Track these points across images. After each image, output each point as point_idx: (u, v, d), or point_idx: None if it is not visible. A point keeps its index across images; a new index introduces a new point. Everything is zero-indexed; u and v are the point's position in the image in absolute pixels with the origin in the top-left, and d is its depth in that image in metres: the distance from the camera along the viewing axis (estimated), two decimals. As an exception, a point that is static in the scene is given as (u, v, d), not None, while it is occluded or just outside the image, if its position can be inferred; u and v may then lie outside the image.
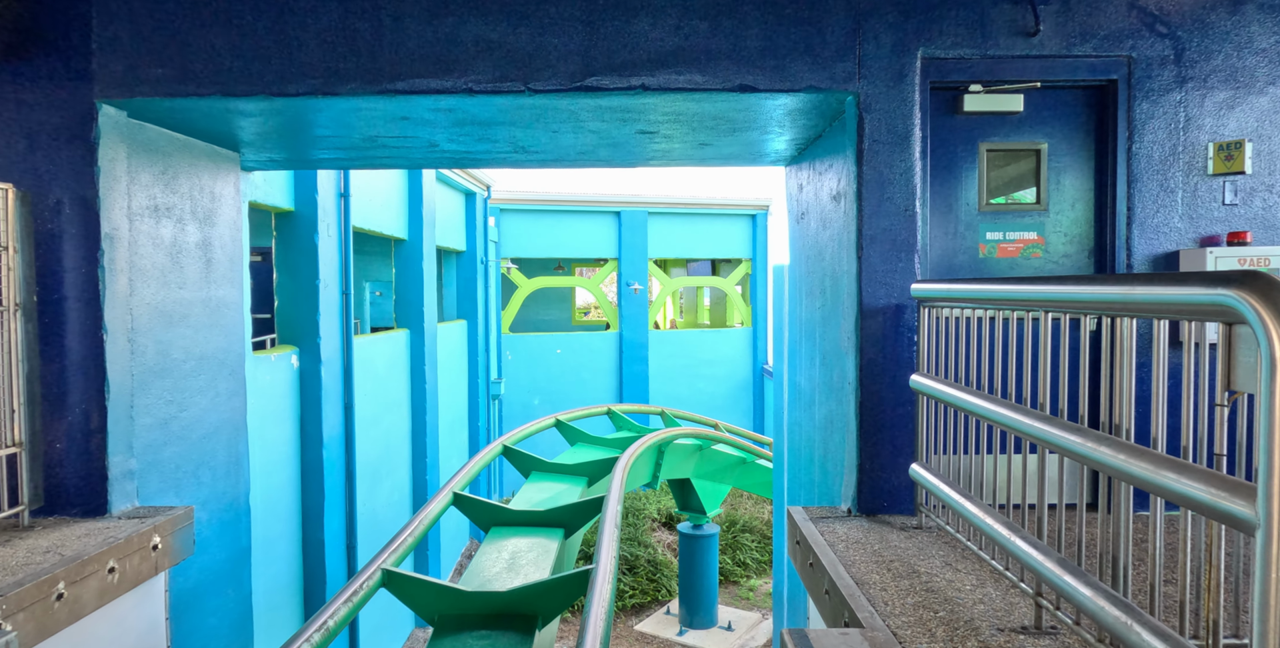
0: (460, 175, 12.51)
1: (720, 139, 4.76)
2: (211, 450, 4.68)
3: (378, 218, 8.93)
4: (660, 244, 18.58)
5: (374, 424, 8.79)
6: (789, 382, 5.84)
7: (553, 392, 17.83)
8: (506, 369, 17.42)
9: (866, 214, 3.61)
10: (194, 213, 4.51)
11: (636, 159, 5.39)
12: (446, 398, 12.31)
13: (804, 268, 5.23)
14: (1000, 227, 3.74)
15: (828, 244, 4.48)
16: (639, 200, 18.07)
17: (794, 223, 5.58)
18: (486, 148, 4.99)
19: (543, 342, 17.84)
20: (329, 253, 7.01)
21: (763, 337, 19.35)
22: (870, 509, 3.64)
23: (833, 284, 4.36)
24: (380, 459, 9.04)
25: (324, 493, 6.88)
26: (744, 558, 14.23)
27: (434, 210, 10.83)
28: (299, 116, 4.12)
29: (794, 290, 5.62)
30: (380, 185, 9.09)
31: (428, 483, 10.39)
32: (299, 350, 6.78)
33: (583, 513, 5.23)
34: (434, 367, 10.78)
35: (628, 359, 18.19)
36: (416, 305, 10.29)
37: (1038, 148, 3.70)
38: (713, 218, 19.02)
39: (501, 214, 17.26)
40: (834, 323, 4.37)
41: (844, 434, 4.12)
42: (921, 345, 3.39)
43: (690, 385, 18.92)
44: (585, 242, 18.02)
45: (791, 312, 5.71)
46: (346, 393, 7.37)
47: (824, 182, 4.55)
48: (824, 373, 4.59)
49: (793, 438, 5.68)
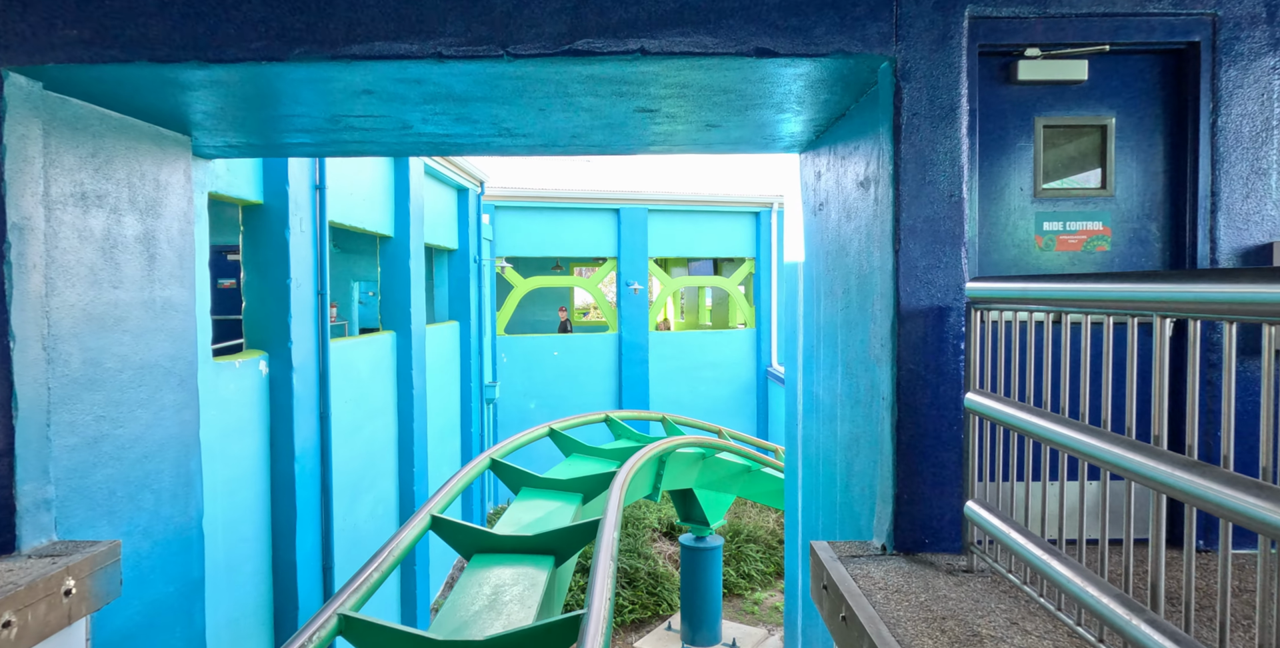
0: (451, 169, 12.01)
1: (730, 119, 4.25)
2: (155, 471, 4.17)
3: (359, 213, 8.43)
4: (661, 242, 18.08)
5: (355, 433, 8.28)
6: (804, 391, 5.33)
7: (549, 395, 17.33)
8: (502, 372, 16.92)
9: (905, 201, 3.10)
10: (133, 202, 4.00)
11: (636, 144, 4.88)
12: (437, 403, 11.80)
13: (822, 265, 4.72)
14: (1059, 215, 3.23)
15: (852, 238, 3.97)
16: (639, 197, 17.57)
17: (810, 215, 5.07)
18: (467, 130, 4.48)
19: (539, 344, 17.34)
20: (302, 249, 6.50)
21: (767, 338, 18.85)
22: (909, 546, 3.12)
23: (859, 283, 3.85)
24: (362, 471, 8.53)
25: (296, 510, 6.37)
26: (748, 570, 13.72)
27: (422, 206, 10.32)
28: (248, 91, 3.61)
29: (810, 290, 5.11)
30: (363, 178, 8.59)
31: (415, 495, 9.88)
32: (268, 356, 6.27)
33: (575, 539, 4.72)
34: (422, 371, 10.28)
35: (627, 361, 17.68)
36: (403, 306, 9.78)
37: (1103, 123, 3.18)
38: (715, 215, 18.51)
39: (496, 211, 16.76)
40: (860, 328, 3.86)
41: (874, 456, 3.61)
42: (972, 355, 2.88)
43: (692, 389, 18.42)
44: (583, 240, 17.51)
45: (807, 314, 5.20)
46: (322, 401, 6.87)
47: (848, 167, 4.04)
48: (848, 384, 4.07)
49: (809, 454, 5.17)
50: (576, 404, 17.42)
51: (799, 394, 5.51)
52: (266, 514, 6.26)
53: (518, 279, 17.12)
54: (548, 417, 17.66)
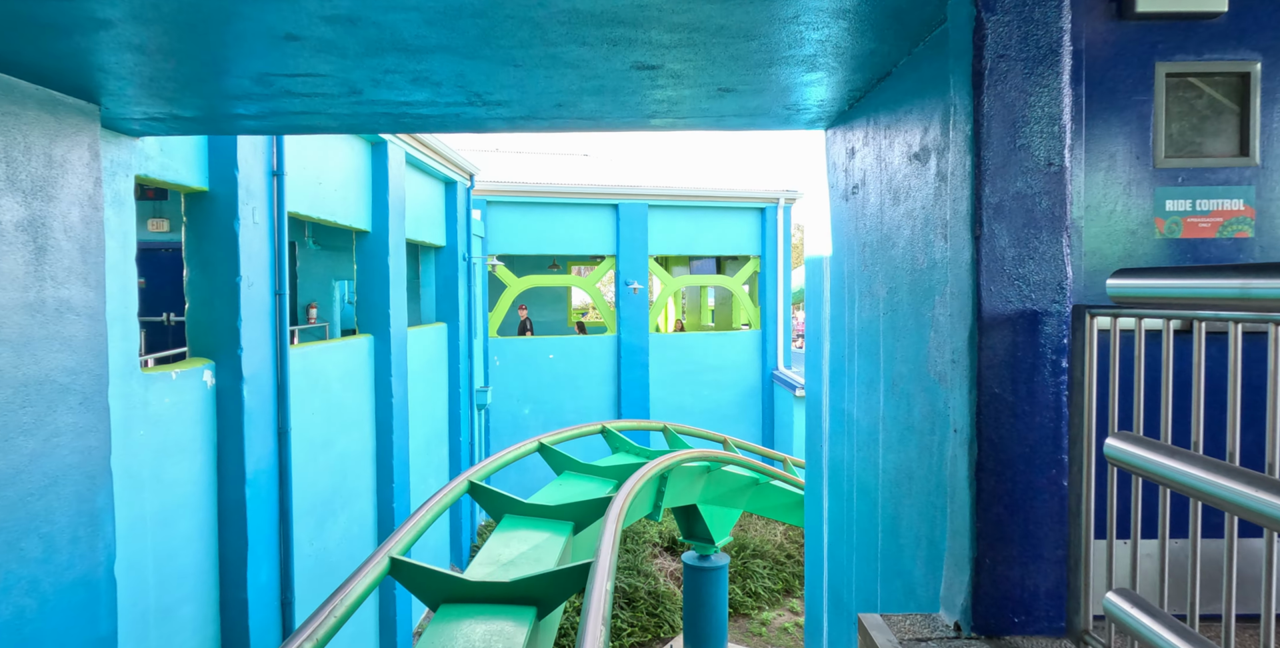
0: (436, 160, 11.27)
1: (747, 80, 3.51)
2: (45, 511, 3.44)
3: (330, 204, 7.69)
4: (661, 240, 17.34)
5: (325, 449, 7.54)
6: (831, 408, 4.59)
7: (545, 400, 16.60)
8: (494, 376, 16.18)
9: (989, 172, 2.36)
10: (12, 182, 3.26)
11: (635, 115, 4.14)
12: (423, 411, 11.06)
13: (856, 260, 3.98)
14: (1187, 192, 2.49)
15: (901, 225, 3.23)
16: (638, 192, 16.82)
17: (839, 201, 4.33)
18: (429, 96, 3.74)
19: (534, 346, 16.59)
20: (255, 243, 5.76)
21: (772, 340, 18.12)
22: (994, 627, 2.38)
23: (912, 281, 3.12)
24: (334, 489, 7.79)
25: (247, 540, 5.64)
26: (755, 587, 12.98)
27: (403, 198, 9.58)
28: (145, 39, 2.88)
29: (839, 290, 4.37)
30: (333, 166, 7.85)
31: (395, 513, 9.14)
32: (214, 365, 5.53)
33: (560, 586, 3.98)
34: (403, 377, 9.54)
35: (626, 365, 16.95)
36: (382, 307, 9.04)
37: (1246, 70, 2.45)
38: (718, 211, 17.77)
39: (488, 207, 16.01)
40: (912, 336, 3.13)
41: (934, 500, 2.87)
42: (1086, 377, 2.15)
43: (694, 393, 17.69)
44: (580, 237, 16.77)
45: (835, 318, 4.46)
46: (280, 415, 6.13)
47: (896, 137, 3.30)
48: (895, 406, 3.34)
49: (838, 483, 4.42)
50: (573, 409, 16.70)
51: (824, 410, 4.77)
52: (212, 546, 5.53)
53: (511, 278, 16.38)
54: (542, 423, 16.93)
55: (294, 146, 6.69)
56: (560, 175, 17.95)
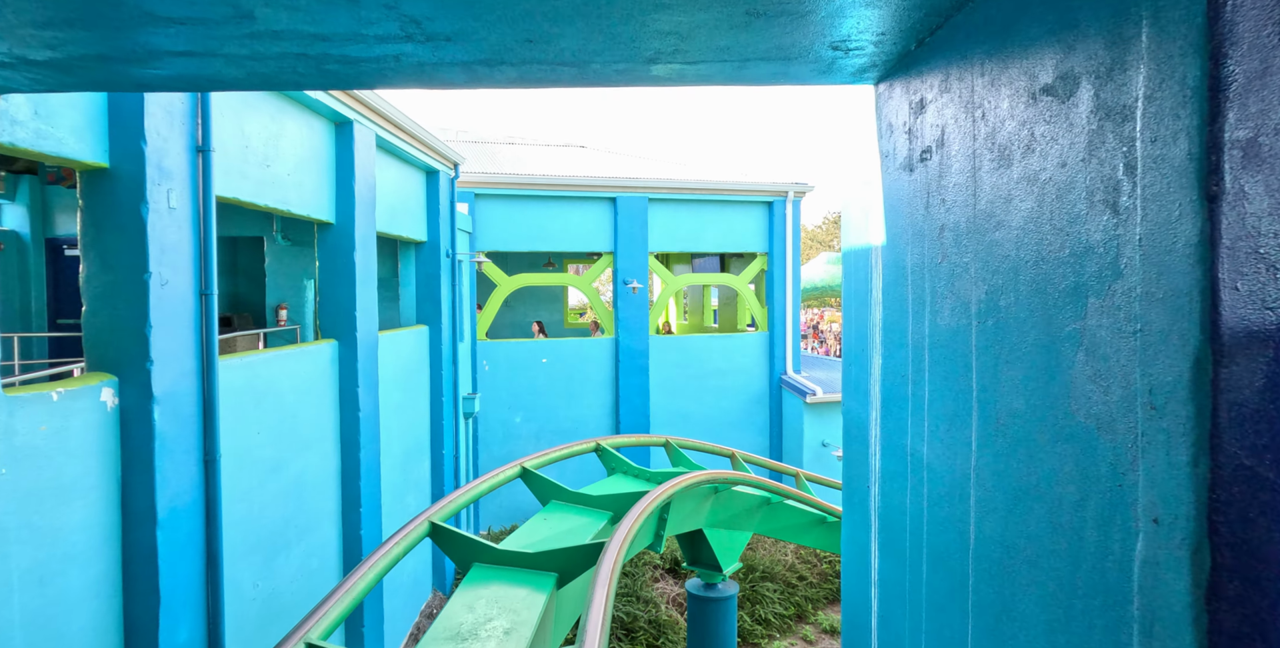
0: (415, 146, 10.29)
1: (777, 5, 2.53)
2: None
3: (280, 190, 6.71)
4: (662, 236, 16.36)
5: (275, 473, 6.57)
6: (883, 441, 3.61)
7: (538, 408, 15.63)
8: (483, 382, 15.21)
9: (1237, 84, 1.38)
10: None
11: (631, 56, 3.16)
12: (398, 422, 10.09)
13: (928, 248, 3.00)
14: None
15: (1019, 194, 2.25)
16: (638, 184, 15.84)
17: (897, 174, 3.35)
18: (351, 26, 2.76)
19: (526, 349, 15.61)
20: (170, 234, 4.78)
21: (780, 343, 17.14)
22: None
23: (1038, 275, 2.14)
24: (287, 520, 6.81)
25: (159, 594, 4.66)
26: (765, 614, 12.00)
27: (373, 186, 8.60)
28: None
29: (896, 289, 3.40)
30: (287, 146, 6.87)
31: (364, 539, 8.16)
32: (118, 381, 4.56)
33: None
34: (373, 386, 8.56)
35: (625, 369, 15.98)
36: (347, 309, 8.06)
37: None
38: (723, 206, 16.79)
39: (476, 200, 15.04)
40: (1037, 356, 2.15)
41: (1087, 613, 1.90)
42: None
43: (697, 399, 16.72)
44: (575, 232, 15.79)
45: (890, 325, 3.48)
46: (207, 439, 5.15)
47: (1006, 70, 2.32)
48: (1002, 454, 2.36)
49: (894, 539, 3.44)
50: (568, 417, 15.73)
51: (872, 443, 3.79)
52: (115, 603, 4.56)
53: (501, 276, 15.40)
54: (535, 432, 15.96)
55: (229, 120, 5.71)
56: (554, 166, 16.97)
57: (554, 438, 15.67)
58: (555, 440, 15.67)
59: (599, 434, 15.94)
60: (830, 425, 16.43)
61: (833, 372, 18.02)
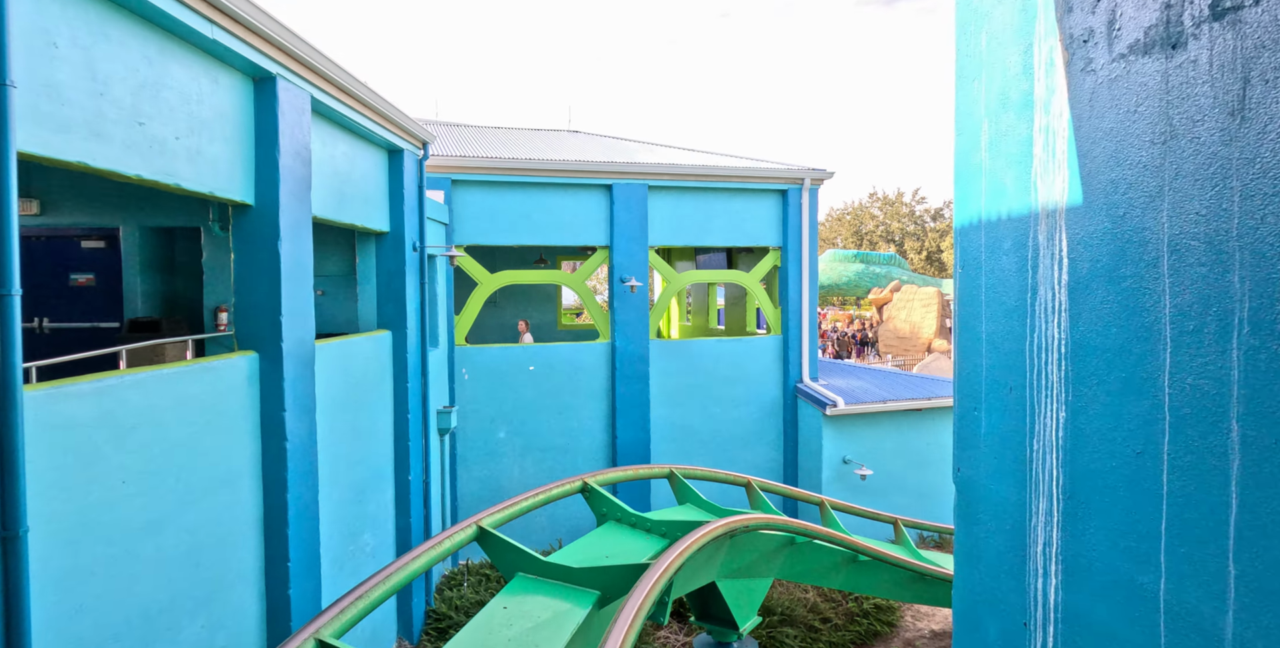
0: (368, 116, 8.69)
1: None
2: None
3: (160, 157, 5.12)
4: (664, 228, 14.77)
5: (151, 533, 5.00)
6: (1066, 481, 2.02)
7: (524, 421, 14.05)
8: (462, 393, 13.62)
9: None
10: None
11: None
12: (349, 448, 8.51)
13: (1202, 208, 1.41)
14: None
15: None
16: (636, 169, 14.24)
17: (1112, 68, 1.76)
18: None
19: (510, 356, 14.02)
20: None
21: (796, 347, 15.56)
22: None
23: None
24: (173, 593, 5.24)
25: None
26: (785, 665, 10.41)
27: (308, 161, 7.01)
28: None
29: (1086, 268, 1.83)
30: (171, 97, 5.29)
31: (292, 603, 6.58)
32: None
33: None
34: (306, 408, 6.98)
35: (622, 377, 14.39)
36: (269, 312, 6.48)
37: None
38: (732, 195, 15.19)
39: (454, 188, 13.45)
40: None
41: None
42: None
43: (703, 411, 15.14)
44: (566, 225, 14.19)
45: (1078, 324, 1.91)
46: (5, 503, 3.57)
47: None
48: None
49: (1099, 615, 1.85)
50: (558, 431, 14.14)
51: (1040, 481, 2.21)
52: None
53: (482, 274, 13.81)
54: (520, 449, 14.31)
55: (67, 52, 4.12)
56: (542, 151, 15.36)
57: (542, 455, 14.09)
58: (544, 457, 14.09)
59: (592, 451, 14.36)
60: (853, 440, 14.83)
61: (855, 379, 16.42)
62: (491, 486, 13.79)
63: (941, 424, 15.50)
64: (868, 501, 14.95)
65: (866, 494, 14.90)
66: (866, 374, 17.09)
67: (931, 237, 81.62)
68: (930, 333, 41.20)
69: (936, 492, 15.58)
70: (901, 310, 43.31)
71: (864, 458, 14.80)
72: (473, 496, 13.71)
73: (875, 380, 16.34)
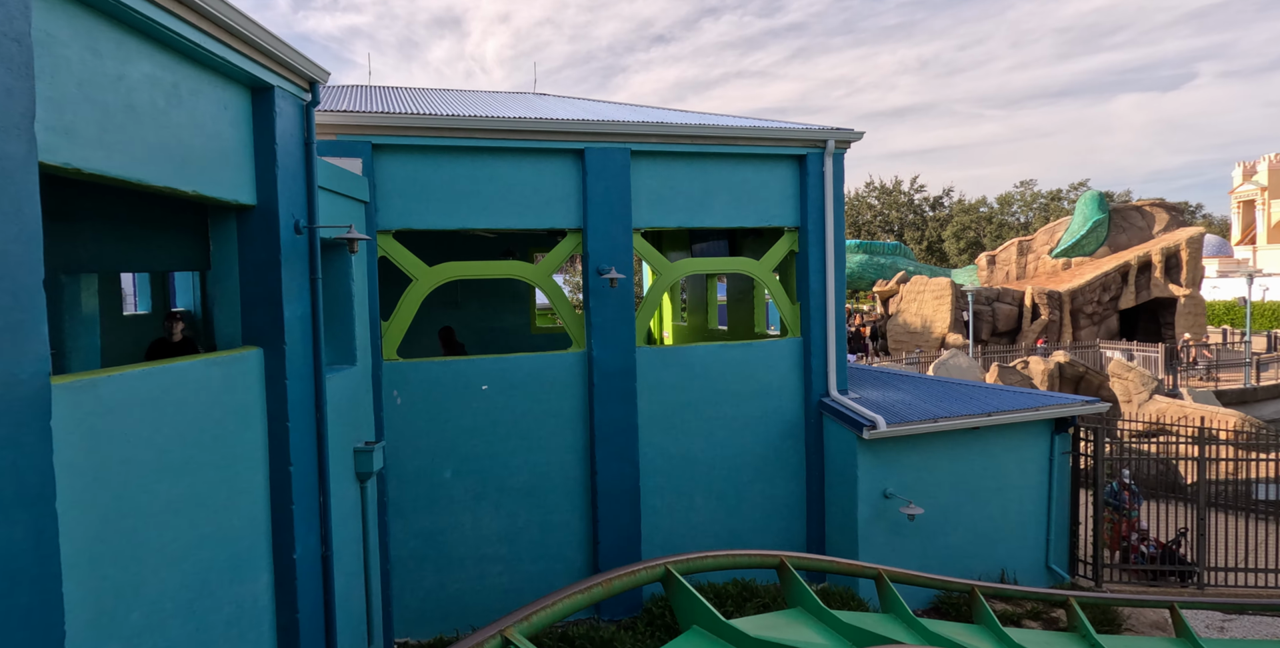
0: (194, 21, 5.69)
1: None
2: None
3: None
4: (652, 206, 11.86)
5: None
6: None
7: (476, 456, 11.12)
8: (394, 421, 10.65)
9: None
10: None
11: None
12: (171, 534, 5.60)
13: None
14: None
15: None
16: (616, 130, 11.29)
17: None
18: None
19: (456, 372, 11.06)
20: None
21: (820, 352, 12.68)
22: None
23: None
24: None
25: None
26: None
27: (27, 64, 4.06)
28: None
29: None
30: None
31: None
32: None
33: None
34: (41, 498, 4.03)
35: (602, 397, 11.47)
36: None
37: None
38: (737, 162, 12.30)
39: (376, 154, 10.47)
40: None
41: None
42: None
43: (706, 435, 12.25)
44: (526, 202, 11.25)
45: None
46: None
47: None
48: None
49: None
50: (521, 466, 11.23)
51: None
52: None
53: (419, 267, 10.85)
54: (473, 492, 11.10)
55: None
56: (497, 111, 12.38)
57: (501, 499, 11.16)
58: (503, 502, 11.16)
59: (565, 492, 11.44)
60: (896, 469, 11.98)
61: (891, 390, 13.56)
62: (436, 543, 10.84)
63: (1002, 446, 12.68)
64: (916, 544, 12.11)
65: (914, 536, 12.07)
66: (903, 383, 14.24)
67: (932, 226, 79.06)
68: (944, 327, 38.50)
69: (998, 531, 12.77)
70: (911, 303, 40.59)
71: (910, 491, 11.95)
72: (412, 556, 10.75)
73: (917, 391, 13.50)
